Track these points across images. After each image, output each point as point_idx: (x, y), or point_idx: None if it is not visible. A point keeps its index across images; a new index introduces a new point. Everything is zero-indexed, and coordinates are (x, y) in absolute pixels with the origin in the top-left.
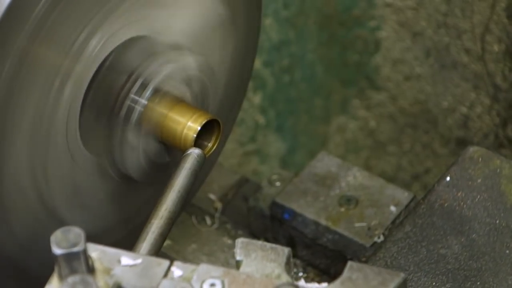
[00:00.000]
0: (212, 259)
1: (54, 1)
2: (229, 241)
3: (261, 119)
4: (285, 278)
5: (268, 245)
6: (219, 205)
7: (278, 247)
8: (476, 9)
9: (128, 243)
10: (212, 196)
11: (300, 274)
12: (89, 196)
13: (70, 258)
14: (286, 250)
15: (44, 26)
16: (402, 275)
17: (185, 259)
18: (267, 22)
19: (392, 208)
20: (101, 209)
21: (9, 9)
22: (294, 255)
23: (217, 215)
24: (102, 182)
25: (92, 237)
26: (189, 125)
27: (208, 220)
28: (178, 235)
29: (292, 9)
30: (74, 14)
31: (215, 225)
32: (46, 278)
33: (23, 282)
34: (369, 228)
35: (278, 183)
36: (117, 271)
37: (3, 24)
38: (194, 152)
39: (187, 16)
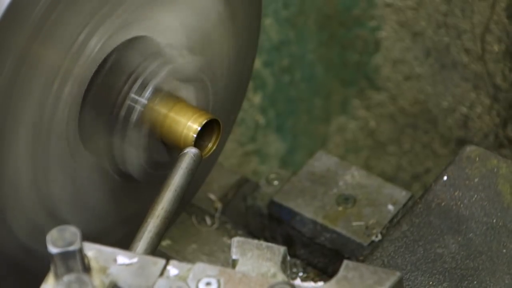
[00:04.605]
0: (212, 259)
1: (54, 1)
2: (229, 241)
3: (261, 119)
4: (280, 277)
5: (264, 244)
6: (219, 205)
7: (274, 246)
8: (476, 9)
9: (128, 243)
10: (212, 196)
11: (300, 274)
12: (89, 196)
13: (66, 257)
14: (282, 249)
15: (44, 26)
16: (398, 274)
17: (185, 259)
18: (267, 22)
19: (390, 207)
20: (101, 209)
21: (9, 9)
22: (293, 254)
23: (217, 215)
24: (102, 182)
25: (92, 237)
26: (189, 125)
27: (208, 220)
28: (178, 235)
29: (292, 9)
30: (74, 14)
31: (215, 225)
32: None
33: (23, 282)
34: (367, 227)
35: (276, 182)
36: (113, 270)
37: (3, 24)
38: (191, 151)
39: (187, 16)
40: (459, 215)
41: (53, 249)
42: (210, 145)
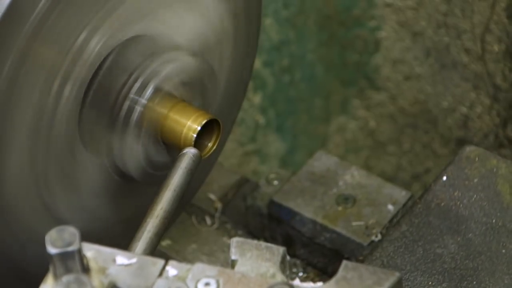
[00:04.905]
0: (212, 259)
1: (54, 1)
2: (229, 241)
3: (261, 119)
4: (280, 277)
5: (263, 244)
6: (219, 205)
7: (273, 246)
8: (476, 9)
9: (128, 243)
10: (212, 196)
11: (300, 274)
12: (89, 196)
13: (65, 257)
14: (281, 250)
15: (44, 26)
16: (397, 274)
17: (185, 259)
18: (267, 22)
19: (390, 207)
20: (101, 209)
21: (9, 9)
22: (293, 254)
23: (217, 215)
24: (102, 182)
25: (92, 237)
26: (189, 125)
27: (208, 220)
28: (178, 235)
29: (292, 9)
30: (74, 14)
31: (215, 225)
32: None
33: (23, 282)
34: (366, 227)
35: (276, 182)
36: (112, 270)
37: (3, 24)
38: (190, 151)
39: (187, 15)
40: (458, 215)
41: (52, 250)
42: (210, 145)
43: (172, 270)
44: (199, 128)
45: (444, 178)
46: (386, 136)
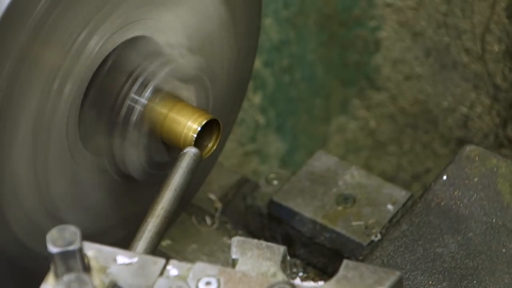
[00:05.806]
0: (212, 259)
1: (54, 1)
2: (229, 241)
3: (261, 119)
4: (280, 276)
5: (264, 243)
6: (219, 205)
7: (274, 245)
8: (476, 9)
9: (128, 243)
10: (212, 196)
11: (300, 274)
12: (89, 196)
13: (66, 256)
14: (281, 249)
15: (44, 26)
16: (398, 273)
17: (185, 259)
18: (267, 22)
19: (390, 207)
20: (101, 209)
21: (9, 9)
22: (293, 254)
23: (217, 215)
24: (102, 182)
25: (92, 237)
26: (189, 125)
27: (208, 220)
28: (178, 235)
29: (292, 9)
30: (74, 14)
31: (215, 225)
32: None
33: (23, 282)
34: (366, 227)
35: (275, 182)
36: (113, 269)
37: (3, 24)
38: (191, 151)
39: (187, 16)
40: (458, 214)
41: (53, 249)
42: (210, 145)
43: (173, 269)
44: (199, 128)
45: (444, 177)
46: (386, 136)
